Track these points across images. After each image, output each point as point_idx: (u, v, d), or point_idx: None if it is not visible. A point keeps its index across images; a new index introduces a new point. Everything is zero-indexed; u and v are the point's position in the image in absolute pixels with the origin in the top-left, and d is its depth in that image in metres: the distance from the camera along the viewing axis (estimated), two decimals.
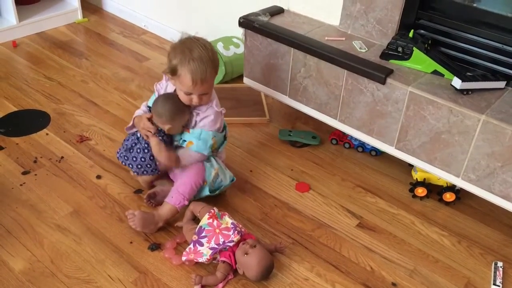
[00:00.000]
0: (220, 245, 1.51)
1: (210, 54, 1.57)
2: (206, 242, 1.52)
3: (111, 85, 2.46)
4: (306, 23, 2.04)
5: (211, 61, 1.56)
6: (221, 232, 1.53)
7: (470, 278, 1.59)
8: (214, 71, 1.59)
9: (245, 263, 1.48)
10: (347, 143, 2.11)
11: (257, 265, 1.47)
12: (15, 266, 1.52)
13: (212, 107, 1.65)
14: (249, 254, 1.48)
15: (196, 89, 1.56)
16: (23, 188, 1.82)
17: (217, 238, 1.52)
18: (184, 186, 1.65)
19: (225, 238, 1.52)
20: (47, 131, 2.12)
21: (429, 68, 1.73)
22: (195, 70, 1.53)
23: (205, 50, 1.55)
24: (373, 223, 1.77)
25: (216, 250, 1.51)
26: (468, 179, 1.65)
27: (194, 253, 1.52)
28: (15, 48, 2.74)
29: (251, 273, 1.49)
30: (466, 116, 1.57)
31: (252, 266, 1.48)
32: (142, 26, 3.04)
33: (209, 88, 1.61)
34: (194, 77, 1.53)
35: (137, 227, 1.61)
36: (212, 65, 1.57)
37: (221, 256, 1.51)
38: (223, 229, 1.53)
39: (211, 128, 1.66)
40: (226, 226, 1.55)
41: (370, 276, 1.57)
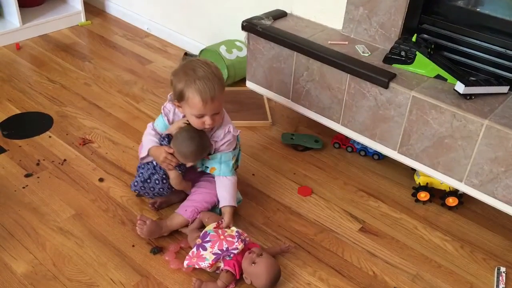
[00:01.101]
0: (224, 251, 1.50)
1: (214, 70, 1.52)
2: (209, 247, 1.51)
3: (114, 88, 2.46)
4: (309, 27, 2.04)
5: (217, 77, 1.51)
6: (226, 239, 1.53)
7: (473, 284, 1.58)
8: (222, 87, 1.52)
9: (253, 272, 1.47)
10: (349, 147, 2.11)
11: (266, 273, 1.46)
12: (17, 269, 1.52)
13: (230, 132, 1.63)
14: (257, 263, 1.47)
15: (207, 108, 1.50)
16: (26, 190, 1.82)
17: (221, 244, 1.51)
18: (199, 203, 1.66)
19: (229, 245, 1.51)
20: (50, 134, 2.12)
21: (432, 72, 1.73)
22: (203, 89, 1.47)
23: (208, 67, 1.51)
24: (375, 227, 1.76)
25: (219, 256, 1.50)
26: (471, 184, 1.64)
27: (196, 257, 1.52)
28: (18, 51, 2.75)
29: (260, 282, 1.47)
30: (469, 121, 1.56)
31: (261, 275, 1.46)
32: (145, 29, 3.04)
33: (220, 106, 1.55)
34: (203, 96, 1.47)
35: (142, 234, 1.61)
36: (219, 81, 1.51)
37: (225, 265, 1.50)
38: (228, 236, 1.53)
39: (229, 150, 1.66)
40: (230, 234, 1.55)
41: (373, 281, 1.57)
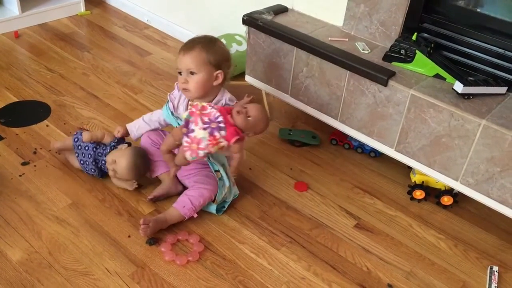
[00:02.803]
0: (208, 122, 1.51)
1: (208, 42, 1.62)
2: (194, 125, 1.51)
3: (113, 79, 2.46)
4: (309, 23, 2.04)
5: (205, 44, 1.61)
6: (202, 113, 1.53)
7: (466, 282, 1.60)
8: (203, 50, 1.60)
9: (253, 124, 1.58)
10: (346, 143, 2.12)
11: (263, 116, 1.60)
12: (13, 257, 1.52)
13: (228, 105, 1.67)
14: (250, 115, 1.56)
15: (180, 61, 1.61)
16: (22, 178, 1.82)
17: (202, 118, 1.52)
18: (196, 200, 1.66)
19: (209, 116, 1.53)
20: (48, 123, 2.12)
21: (431, 71, 1.73)
22: (187, 41, 1.65)
23: (207, 39, 1.64)
24: (370, 224, 1.77)
25: (209, 127, 1.50)
26: (467, 183, 1.66)
27: (193, 142, 1.50)
28: (17, 39, 2.74)
29: (263, 124, 1.62)
30: (466, 121, 1.57)
31: (260, 120, 1.59)
32: (145, 20, 3.03)
33: (196, 67, 1.60)
34: (182, 46, 1.63)
35: (146, 235, 1.61)
36: (204, 46, 1.60)
37: (229, 139, 1.51)
38: (202, 109, 1.54)
39: None
40: (202, 106, 1.55)
41: (367, 276, 1.58)
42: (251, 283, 1.52)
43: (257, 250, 1.63)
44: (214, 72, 1.62)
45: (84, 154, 1.79)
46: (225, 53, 1.66)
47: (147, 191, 1.81)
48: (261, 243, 1.66)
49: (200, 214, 1.71)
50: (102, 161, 1.77)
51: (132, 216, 1.70)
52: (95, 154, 1.78)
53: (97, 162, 1.79)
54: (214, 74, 1.62)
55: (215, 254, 1.60)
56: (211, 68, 1.61)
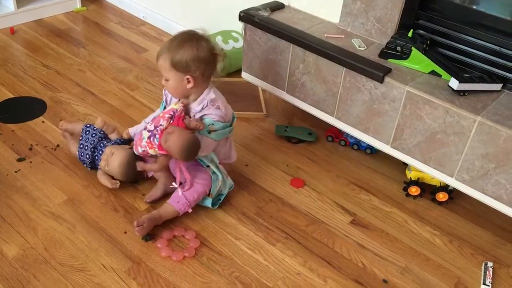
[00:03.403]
0: (155, 126, 1.59)
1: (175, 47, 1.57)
2: (149, 125, 1.62)
3: (109, 75, 2.45)
4: (306, 20, 2.04)
5: (170, 50, 1.57)
6: (163, 115, 1.61)
7: (460, 278, 1.61)
8: (170, 60, 1.57)
9: (168, 148, 1.57)
10: (342, 140, 2.12)
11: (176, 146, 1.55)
12: (8, 253, 1.52)
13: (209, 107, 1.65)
14: (168, 140, 1.56)
15: (158, 65, 1.62)
16: (18, 175, 1.81)
17: (157, 120, 1.61)
18: (190, 195, 1.67)
19: (162, 119, 1.59)
20: (43, 119, 2.11)
21: (427, 68, 1.74)
22: (161, 47, 1.63)
23: (178, 40, 1.59)
24: (366, 220, 1.78)
25: (151, 130, 1.59)
26: (462, 180, 1.66)
27: (138, 139, 1.63)
28: (12, 35, 2.73)
29: (175, 154, 1.58)
30: (462, 117, 1.58)
31: (173, 149, 1.56)
32: (141, 17, 3.03)
33: (165, 72, 1.60)
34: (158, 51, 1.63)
35: (142, 235, 1.61)
36: (169, 53, 1.57)
37: (159, 150, 1.59)
38: (166, 113, 1.61)
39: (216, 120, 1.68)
40: (170, 108, 1.63)
41: (362, 272, 1.59)
42: (247, 278, 1.53)
43: (253, 246, 1.63)
44: (183, 77, 1.59)
45: (87, 139, 1.81)
46: (194, 55, 1.56)
47: (143, 187, 1.81)
48: (257, 239, 1.66)
49: (196, 210, 1.71)
50: (100, 152, 1.78)
51: (128, 212, 1.70)
52: (97, 143, 1.80)
53: (94, 151, 1.79)
54: (184, 79, 1.59)
55: (211, 250, 1.61)
56: (179, 74, 1.58)
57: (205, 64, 1.60)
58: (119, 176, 1.76)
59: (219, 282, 1.51)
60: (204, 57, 1.59)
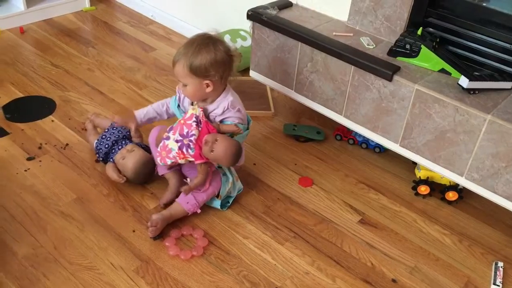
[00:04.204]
0: (184, 136, 1.58)
1: (192, 53, 1.55)
2: (172, 134, 1.61)
3: (117, 74, 2.46)
4: (314, 18, 2.03)
5: (188, 56, 1.55)
6: (186, 123, 1.60)
7: (470, 277, 1.59)
8: (188, 67, 1.56)
9: (215, 158, 1.60)
10: (351, 139, 2.11)
11: (225, 155, 1.59)
12: (18, 251, 1.53)
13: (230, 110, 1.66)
14: (215, 150, 1.58)
15: (174, 71, 1.62)
16: (28, 174, 1.83)
17: (181, 128, 1.60)
18: (200, 195, 1.67)
19: (189, 128, 1.59)
20: (53, 118, 2.12)
21: (436, 66, 1.72)
22: (176, 52, 1.61)
23: (194, 45, 1.57)
24: (375, 219, 1.77)
25: (181, 143, 1.58)
26: (472, 179, 1.65)
27: (164, 150, 1.61)
28: (22, 34, 2.74)
29: (224, 162, 1.63)
30: (472, 116, 1.57)
31: (221, 158, 1.60)
32: (150, 16, 3.03)
33: (182, 79, 1.60)
34: (173, 57, 1.61)
35: (153, 236, 1.61)
36: (186, 59, 1.55)
37: (195, 159, 1.60)
38: (188, 120, 1.61)
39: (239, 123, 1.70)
40: (191, 113, 1.61)
41: (371, 272, 1.58)
42: (255, 278, 1.53)
43: (261, 245, 1.63)
44: (202, 82, 1.59)
45: (112, 133, 1.86)
46: (212, 59, 1.56)
47: (152, 186, 1.81)
48: (265, 238, 1.66)
49: (204, 209, 1.71)
50: (119, 147, 1.82)
51: (137, 211, 1.71)
52: (120, 139, 1.84)
53: (114, 144, 1.83)
54: (203, 84, 1.59)
55: (219, 249, 1.61)
56: (198, 79, 1.58)
57: (223, 67, 1.60)
58: (130, 174, 1.77)
59: (227, 281, 1.51)
60: (222, 60, 1.58)
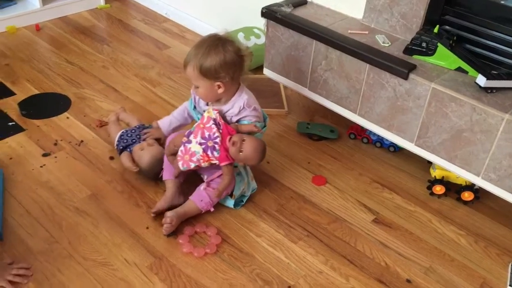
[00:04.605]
0: (207, 138, 1.59)
1: (202, 55, 1.55)
2: (193, 137, 1.61)
3: (131, 72, 2.47)
4: (329, 16, 2.02)
5: (197, 59, 1.55)
6: (205, 127, 1.61)
7: (486, 279, 1.57)
8: (198, 69, 1.56)
9: (244, 158, 1.62)
10: (365, 138, 2.10)
11: (255, 154, 1.62)
12: (34, 246, 1.55)
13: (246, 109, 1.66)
14: (244, 150, 1.59)
15: (185, 73, 1.62)
16: (43, 169, 1.84)
17: (202, 132, 1.60)
18: (213, 194, 1.66)
19: (210, 132, 1.59)
20: (68, 115, 2.14)
21: (453, 64, 1.70)
22: (187, 54, 1.60)
23: (204, 47, 1.56)
24: (389, 219, 1.76)
25: (205, 145, 1.59)
26: (489, 179, 1.63)
27: (187, 154, 1.60)
28: (38, 32, 2.77)
29: (253, 162, 1.65)
30: (489, 115, 1.54)
31: (252, 157, 1.62)
32: (164, 14, 3.04)
33: (194, 81, 1.60)
34: (184, 59, 1.61)
35: (168, 233, 1.61)
36: (196, 62, 1.55)
37: (220, 161, 1.60)
38: (206, 123, 1.61)
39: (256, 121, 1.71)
40: (209, 116, 1.61)
41: (385, 271, 1.57)
42: (268, 276, 1.52)
43: (274, 243, 1.63)
44: (214, 83, 1.59)
45: (135, 130, 1.90)
46: (222, 61, 1.55)
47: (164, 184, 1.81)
48: (278, 236, 1.66)
49: (218, 207, 1.71)
50: (140, 141, 1.85)
51: (151, 208, 1.71)
52: (139, 137, 1.88)
53: (133, 141, 1.86)
54: (214, 85, 1.59)
55: (232, 246, 1.61)
56: (208, 81, 1.58)
57: (233, 68, 1.59)
58: (145, 166, 1.78)
59: (240, 278, 1.51)
60: (232, 61, 1.58)
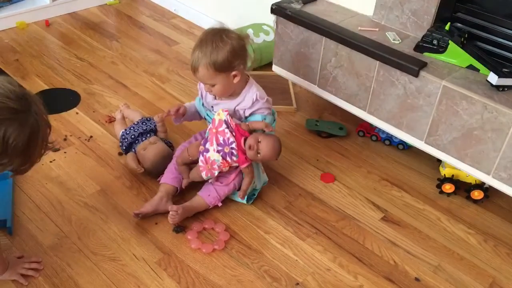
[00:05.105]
0: (222, 144, 1.59)
1: (210, 52, 1.54)
2: (209, 145, 1.61)
3: (140, 68, 2.48)
4: (339, 12, 2.01)
5: (207, 57, 1.54)
6: (218, 132, 1.61)
7: (496, 278, 1.57)
8: (212, 67, 1.55)
9: (263, 158, 1.64)
10: (374, 135, 2.09)
11: (273, 152, 1.64)
12: (43, 241, 1.56)
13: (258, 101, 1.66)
14: (261, 151, 1.61)
15: (197, 77, 1.62)
16: (53, 165, 1.85)
17: (217, 138, 1.60)
18: (221, 189, 1.67)
19: (224, 136, 1.59)
20: (77, 110, 2.15)
21: (464, 62, 1.69)
22: (192, 59, 1.59)
23: (209, 44, 1.55)
24: (398, 217, 1.75)
25: (222, 151, 1.59)
26: (499, 178, 1.61)
27: (208, 163, 1.61)
28: (47, 27, 2.78)
29: (271, 159, 1.68)
30: (500, 113, 1.53)
31: (270, 156, 1.64)
32: (173, 10, 3.04)
33: (209, 80, 1.59)
34: (191, 64, 1.59)
35: (174, 222, 1.62)
36: (206, 61, 1.54)
37: (240, 164, 1.61)
38: (219, 127, 1.61)
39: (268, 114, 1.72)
40: (220, 120, 1.60)
41: (393, 270, 1.56)
42: (276, 273, 1.52)
43: (283, 240, 1.63)
44: (230, 75, 1.59)
45: (139, 125, 1.90)
46: (231, 49, 1.55)
47: None
48: (287, 233, 1.65)
49: (226, 203, 1.72)
50: (143, 139, 1.86)
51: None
52: (147, 132, 1.88)
53: (139, 136, 1.87)
54: (230, 77, 1.60)
55: (240, 243, 1.61)
56: (225, 75, 1.58)
57: (243, 52, 1.62)
58: (149, 165, 1.78)
59: (248, 275, 1.51)
60: (240, 46, 1.60)
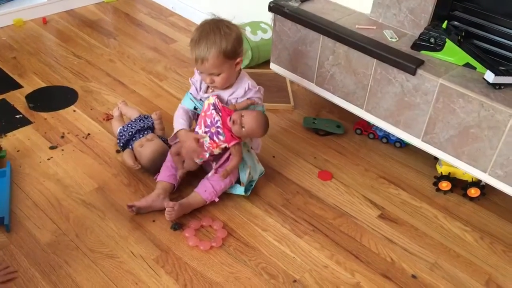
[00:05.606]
0: (209, 125, 1.62)
1: (220, 39, 1.55)
2: (198, 128, 1.65)
3: (138, 65, 2.48)
4: (336, 10, 2.01)
5: (218, 44, 1.55)
6: (206, 115, 1.63)
7: (492, 275, 1.57)
8: (218, 51, 1.55)
9: (247, 133, 1.63)
10: (371, 133, 2.09)
11: (257, 127, 1.63)
12: (41, 238, 1.56)
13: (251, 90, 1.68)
14: (245, 125, 1.61)
15: (202, 68, 1.60)
16: (50, 162, 1.85)
17: (204, 120, 1.63)
18: (217, 184, 1.68)
19: (210, 118, 1.62)
20: (75, 108, 2.15)
21: (461, 60, 1.70)
22: (198, 49, 1.56)
23: (216, 32, 1.56)
24: (395, 214, 1.76)
25: (210, 132, 1.62)
26: (495, 175, 1.62)
27: (199, 146, 1.63)
28: (45, 25, 2.77)
29: (257, 135, 1.67)
30: (497, 111, 1.54)
31: (254, 131, 1.63)
32: (170, 8, 3.04)
33: (217, 69, 1.59)
34: (196, 55, 1.57)
35: (171, 219, 1.62)
36: (218, 47, 1.54)
37: (228, 142, 1.62)
38: (206, 111, 1.64)
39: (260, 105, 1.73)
40: (207, 105, 1.63)
41: (390, 267, 1.57)
42: (273, 270, 1.53)
43: (280, 238, 1.63)
44: (234, 62, 1.61)
45: (137, 122, 1.91)
46: (236, 36, 1.58)
47: None
48: (284, 230, 1.66)
49: (224, 200, 1.72)
50: (140, 136, 1.86)
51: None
52: (144, 129, 1.89)
53: (136, 133, 1.87)
54: (234, 64, 1.62)
55: (238, 240, 1.61)
56: (231, 62, 1.60)
57: (242, 41, 1.63)
58: (146, 162, 1.78)
59: (246, 272, 1.51)
60: (240, 33, 1.62)
